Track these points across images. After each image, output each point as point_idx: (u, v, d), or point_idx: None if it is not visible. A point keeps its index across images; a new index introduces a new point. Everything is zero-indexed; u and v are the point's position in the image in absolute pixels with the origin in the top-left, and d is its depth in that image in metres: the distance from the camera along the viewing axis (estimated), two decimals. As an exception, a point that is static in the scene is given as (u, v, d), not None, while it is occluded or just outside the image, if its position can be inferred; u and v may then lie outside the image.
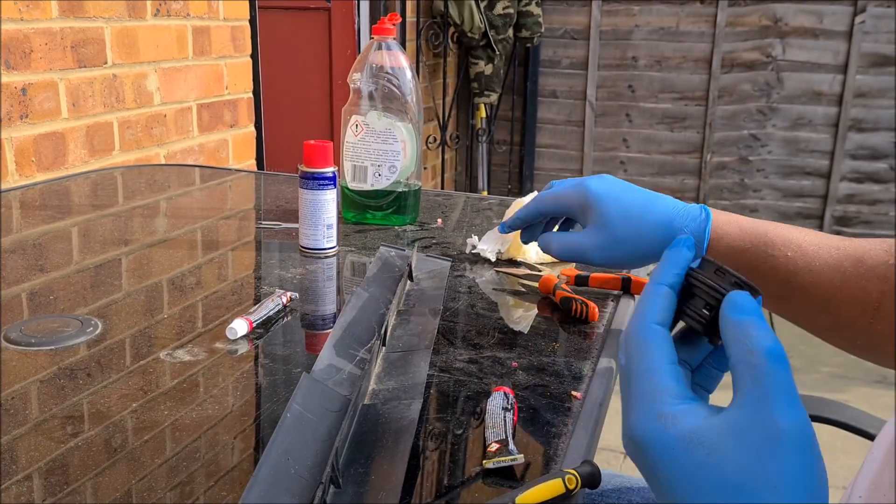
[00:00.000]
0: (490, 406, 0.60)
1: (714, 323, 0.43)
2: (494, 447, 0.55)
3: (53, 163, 1.61)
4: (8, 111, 1.48)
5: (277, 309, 0.79)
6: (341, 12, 3.01)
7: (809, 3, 3.84)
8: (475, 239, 1.01)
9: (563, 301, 0.82)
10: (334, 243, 0.99)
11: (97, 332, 0.74)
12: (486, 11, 3.62)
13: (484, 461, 0.54)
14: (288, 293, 0.81)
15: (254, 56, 2.27)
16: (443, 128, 3.76)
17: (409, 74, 1.07)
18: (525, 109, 4.25)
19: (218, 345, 0.72)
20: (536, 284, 0.89)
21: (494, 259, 0.97)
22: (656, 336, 0.43)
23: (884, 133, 3.90)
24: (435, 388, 0.66)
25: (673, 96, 4.09)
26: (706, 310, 0.43)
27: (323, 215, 0.96)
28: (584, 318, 0.80)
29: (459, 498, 0.53)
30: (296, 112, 2.87)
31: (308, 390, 0.54)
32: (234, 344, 0.73)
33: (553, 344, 0.76)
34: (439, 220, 1.16)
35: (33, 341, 0.71)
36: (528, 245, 0.96)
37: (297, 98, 2.87)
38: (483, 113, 3.95)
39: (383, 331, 0.71)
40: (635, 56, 4.09)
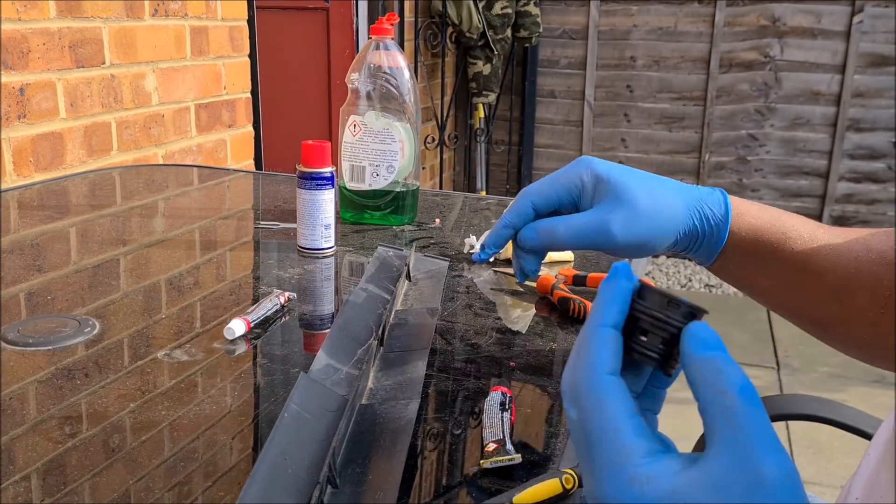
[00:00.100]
0: (487, 406, 0.60)
1: (668, 355, 0.40)
2: (492, 447, 0.55)
3: (51, 163, 1.60)
4: (6, 111, 1.48)
5: (275, 309, 0.79)
6: (339, 12, 3.01)
7: (807, 3, 3.85)
8: (473, 239, 1.01)
9: (561, 301, 0.82)
10: (332, 243, 0.99)
11: (95, 333, 0.74)
12: (485, 11, 3.62)
13: (481, 461, 0.55)
14: (286, 293, 0.81)
15: (252, 56, 2.27)
16: (441, 128, 3.76)
17: (407, 74, 1.07)
18: (523, 109, 4.25)
19: (216, 345, 0.72)
20: (534, 284, 0.89)
21: (492, 259, 0.97)
22: (611, 388, 0.39)
23: (882, 133, 3.90)
24: (432, 388, 0.66)
25: (671, 96, 4.09)
26: (662, 345, 0.40)
27: (321, 215, 0.96)
28: (582, 318, 0.80)
29: (457, 498, 0.53)
30: (294, 112, 2.87)
31: (306, 390, 0.54)
32: (232, 344, 0.73)
33: (551, 344, 0.76)
34: (437, 220, 1.16)
35: (31, 341, 0.71)
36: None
37: (296, 98, 2.87)
38: (481, 113, 3.96)
39: (381, 331, 0.71)
40: (633, 56, 4.09)
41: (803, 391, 2.88)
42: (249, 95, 2.28)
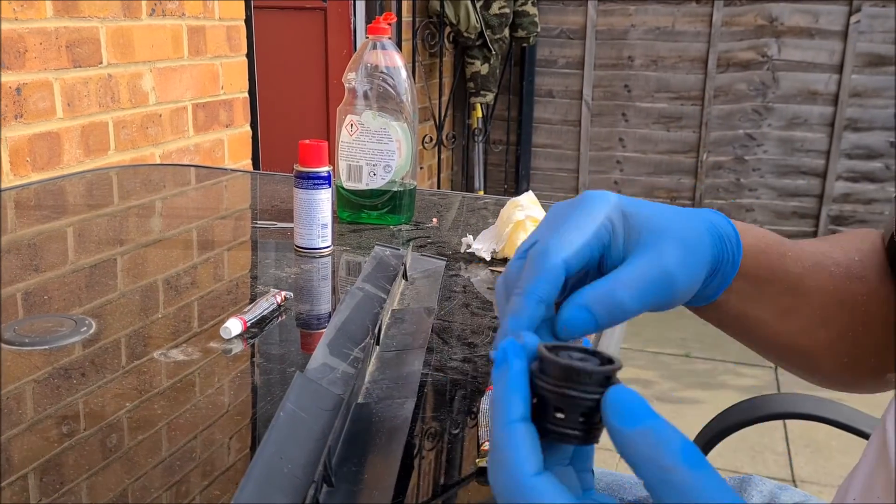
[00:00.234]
0: (484, 405, 0.60)
1: (591, 426, 0.37)
2: (488, 446, 0.55)
3: (48, 163, 1.60)
4: (2, 111, 1.48)
5: (272, 308, 0.79)
6: (337, 12, 3.01)
7: (805, 3, 3.85)
8: (470, 238, 1.01)
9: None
10: (329, 243, 0.99)
11: (91, 332, 0.74)
12: (483, 11, 3.62)
13: (478, 460, 0.55)
14: (282, 292, 0.81)
15: (249, 56, 2.27)
16: (439, 127, 3.76)
17: (404, 74, 1.07)
18: (521, 109, 4.25)
19: (212, 344, 0.72)
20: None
21: (489, 258, 0.97)
22: (541, 491, 0.35)
23: (879, 132, 3.91)
24: (429, 387, 0.66)
25: (669, 96, 4.09)
26: (581, 418, 0.36)
27: (318, 215, 0.96)
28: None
29: (453, 497, 0.53)
30: (292, 112, 2.87)
31: (302, 389, 0.54)
32: (229, 343, 0.73)
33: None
34: (434, 220, 1.16)
35: (27, 341, 0.71)
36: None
37: (293, 98, 2.87)
38: (479, 113, 3.96)
39: (377, 330, 0.71)
40: (631, 56, 4.09)
41: (800, 390, 2.88)
42: (247, 95, 2.28)
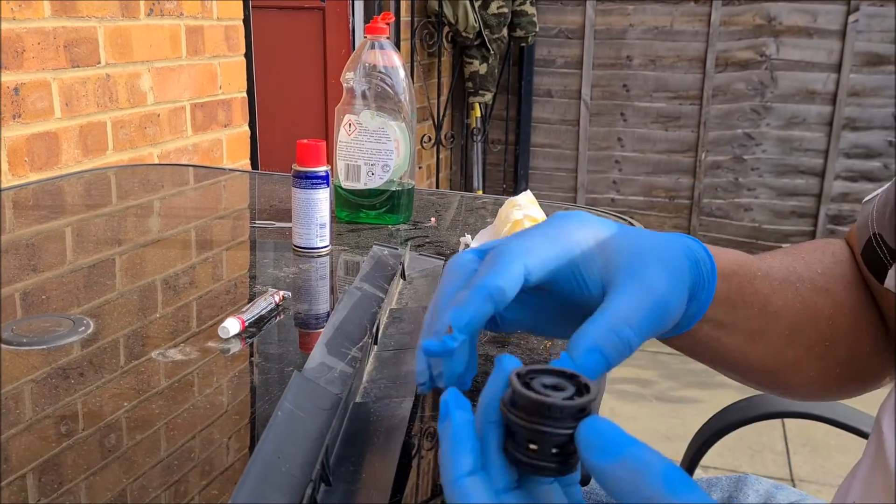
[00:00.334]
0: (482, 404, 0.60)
1: (566, 456, 0.36)
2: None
3: (46, 163, 1.60)
4: (1, 111, 1.48)
5: (270, 308, 0.79)
6: (335, 12, 3.01)
7: (803, 3, 3.85)
8: (468, 238, 1.01)
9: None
10: (327, 242, 0.99)
11: (89, 332, 0.74)
12: (481, 11, 3.62)
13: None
14: (280, 292, 0.81)
15: (248, 55, 2.27)
16: (437, 127, 3.76)
17: (402, 73, 1.07)
18: (520, 109, 4.25)
19: (210, 344, 0.72)
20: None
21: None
22: None
23: (877, 131, 3.91)
24: (427, 387, 0.66)
25: (667, 95, 4.09)
26: (555, 449, 0.35)
27: (316, 214, 0.97)
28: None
29: (451, 496, 0.53)
30: (290, 111, 2.87)
31: (300, 389, 0.54)
32: (227, 343, 0.73)
33: (545, 342, 0.76)
34: (433, 220, 1.16)
35: (25, 341, 0.71)
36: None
37: (292, 97, 2.87)
38: (478, 112, 3.96)
39: (375, 329, 0.71)
40: (630, 55, 4.10)
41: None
42: (245, 95, 2.28)
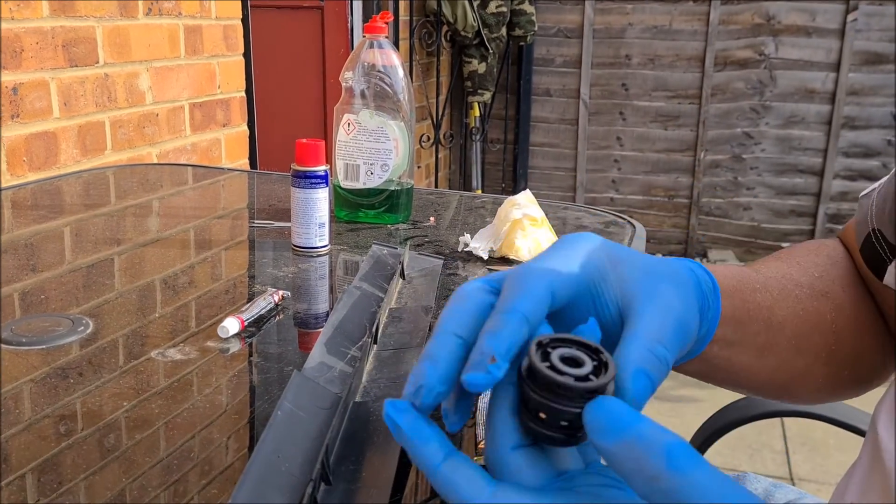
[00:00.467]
0: (482, 403, 0.60)
1: (575, 429, 0.36)
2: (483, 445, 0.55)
3: (45, 162, 1.60)
4: (-1, 111, 1.48)
5: (269, 307, 0.79)
6: (334, 11, 3.01)
7: (802, 2, 3.85)
8: (468, 237, 1.01)
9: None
10: (326, 242, 0.99)
11: (89, 332, 0.74)
12: (480, 10, 3.62)
13: (475, 458, 0.55)
14: (280, 292, 0.81)
15: (246, 55, 2.27)
16: (436, 126, 3.76)
17: (401, 73, 1.07)
18: (519, 108, 4.26)
19: (210, 343, 0.72)
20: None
21: (487, 257, 0.97)
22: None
23: (876, 130, 3.91)
24: (427, 386, 0.66)
25: (666, 94, 4.09)
26: (564, 423, 0.36)
27: (315, 214, 0.96)
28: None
29: (451, 495, 0.53)
30: (289, 111, 2.87)
31: (299, 388, 0.54)
32: (226, 343, 0.73)
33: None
34: (432, 219, 1.16)
35: (24, 340, 0.71)
36: (521, 243, 0.96)
37: (291, 97, 2.87)
38: (477, 111, 3.96)
39: (375, 328, 0.71)
40: (629, 54, 4.10)
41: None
42: (244, 94, 2.28)
